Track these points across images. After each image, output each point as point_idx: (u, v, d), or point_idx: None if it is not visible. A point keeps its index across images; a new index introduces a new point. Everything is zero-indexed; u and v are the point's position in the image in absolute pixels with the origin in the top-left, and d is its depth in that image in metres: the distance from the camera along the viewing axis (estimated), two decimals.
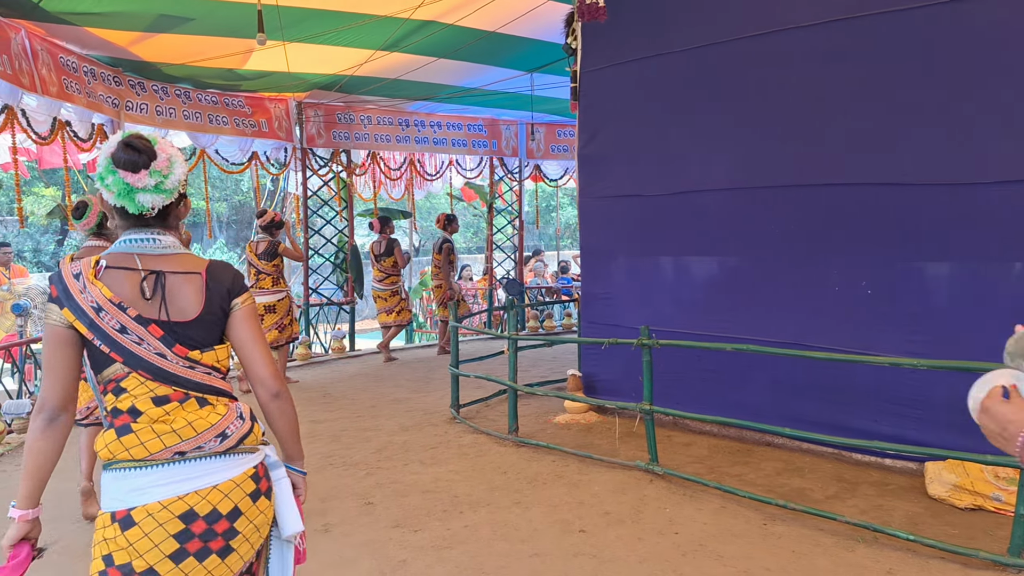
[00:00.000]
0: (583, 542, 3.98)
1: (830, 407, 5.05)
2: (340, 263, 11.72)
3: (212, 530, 1.89)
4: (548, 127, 12.63)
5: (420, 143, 11.66)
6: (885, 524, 3.94)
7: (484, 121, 12.19)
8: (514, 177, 12.99)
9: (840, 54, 4.99)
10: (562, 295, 13.88)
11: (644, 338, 5.00)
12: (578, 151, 6.73)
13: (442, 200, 20.65)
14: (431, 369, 9.27)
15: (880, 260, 4.88)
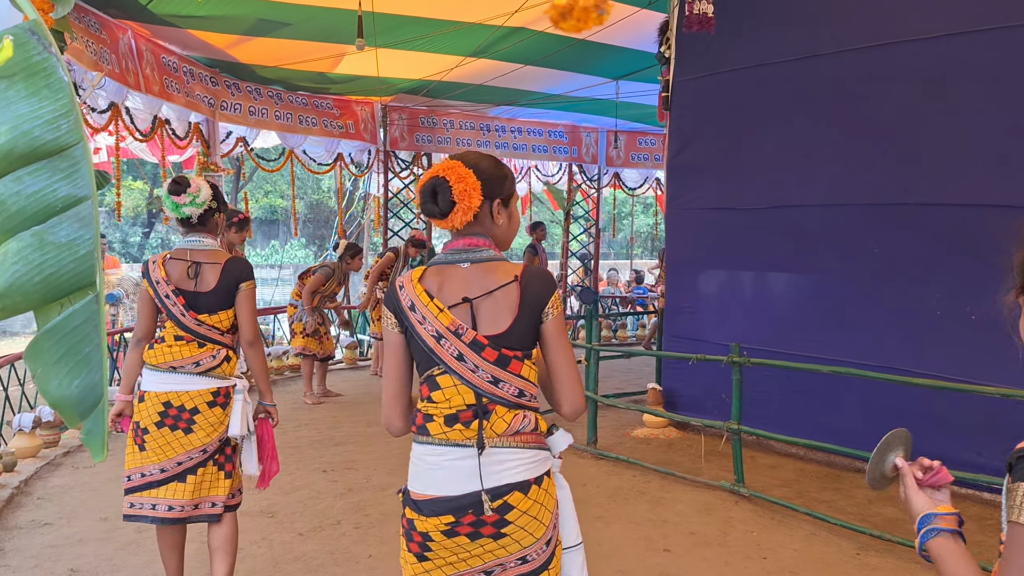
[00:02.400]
0: (669, 562, 3.90)
1: (928, 435, 4.77)
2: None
3: (180, 416, 3.04)
4: (629, 135, 12.54)
5: (500, 148, 11.71)
6: (989, 562, 3.74)
7: (565, 128, 12.17)
8: (592, 184, 12.93)
9: (952, 69, 4.79)
10: (636, 305, 13.73)
11: (735, 355, 4.88)
12: (667, 161, 6.64)
13: None
14: None
15: (988, 285, 4.65)
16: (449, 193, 1.79)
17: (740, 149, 6.03)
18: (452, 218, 1.82)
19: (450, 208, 1.80)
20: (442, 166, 1.84)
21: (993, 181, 4.63)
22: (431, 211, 1.83)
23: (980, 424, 4.63)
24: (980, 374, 4.50)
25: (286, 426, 6.63)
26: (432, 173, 1.85)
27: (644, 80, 8.92)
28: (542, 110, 11.33)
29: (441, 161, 1.87)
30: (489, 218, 1.88)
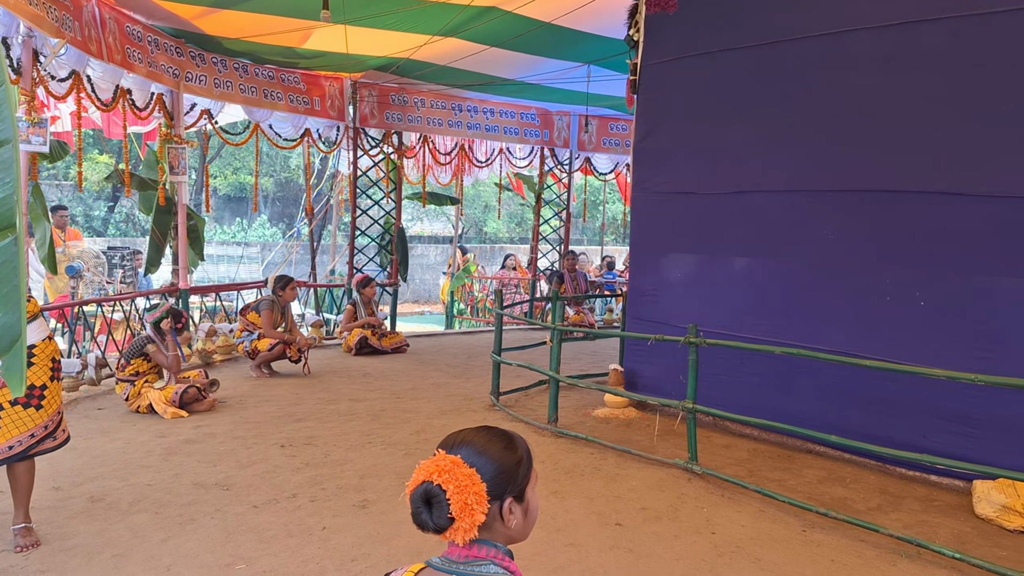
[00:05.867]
0: (619, 536, 3.97)
1: (877, 418, 4.95)
2: (386, 244, 11.81)
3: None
4: (601, 120, 12.56)
5: (472, 129, 11.68)
6: (930, 540, 3.86)
7: (537, 111, 12.16)
8: (564, 168, 12.94)
9: (911, 59, 4.87)
10: (604, 290, 13.81)
11: (692, 336, 4.95)
12: (634, 145, 6.68)
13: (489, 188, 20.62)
14: (471, 356, 9.30)
15: (936, 272, 4.77)
16: (446, 507, 1.49)
17: (705, 134, 6.08)
18: (451, 535, 1.52)
19: (448, 524, 1.50)
20: (437, 466, 1.52)
21: (944, 170, 4.73)
22: (423, 524, 1.53)
23: (926, 406, 4.75)
24: (927, 358, 4.61)
25: (247, 402, 6.61)
26: (425, 475, 1.53)
27: (613, 67, 8.93)
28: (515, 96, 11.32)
29: (435, 458, 1.55)
30: (499, 521, 1.55)
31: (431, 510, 1.51)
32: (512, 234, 28.86)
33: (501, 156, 12.27)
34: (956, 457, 4.31)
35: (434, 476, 1.50)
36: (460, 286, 14.38)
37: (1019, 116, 4.42)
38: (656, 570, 3.60)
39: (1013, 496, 4.20)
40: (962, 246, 4.67)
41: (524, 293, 14.22)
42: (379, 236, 11.98)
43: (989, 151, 4.55)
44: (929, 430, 4.72)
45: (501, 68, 9.76)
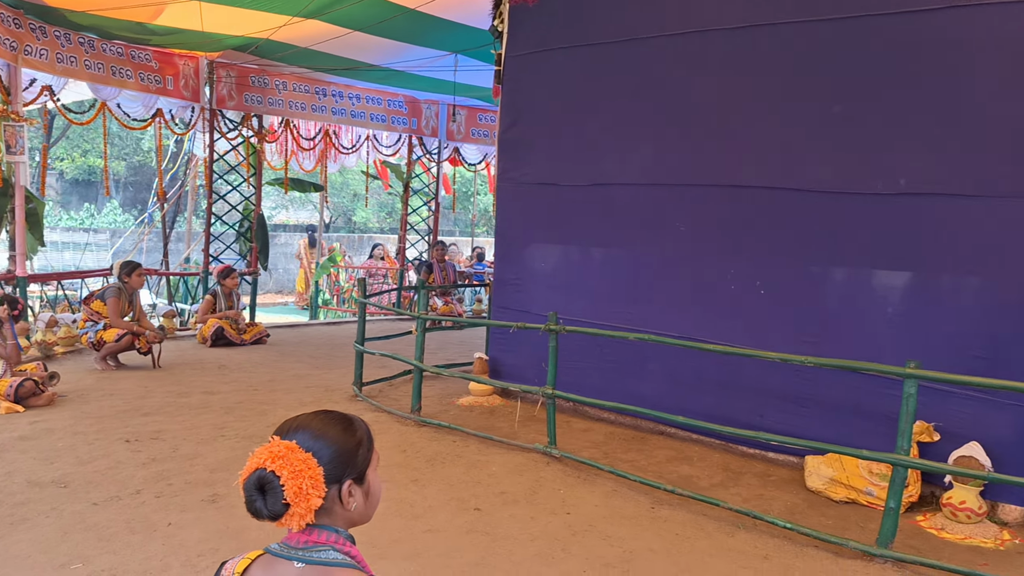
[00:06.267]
0: (477, 520, 4.01)
1: (721, 400, 5.23)
2: (244, 232, 11.40)
3: None
4: (470, 110, 12.60)
5: (337, 114, 11.44)
6: (765, 512, 4.12)
7: (405, 99, 12.06)
8: (432, 158, 12.91)
9: (757, 61, 5.15)
10: (474, 280, 13.89)
11: (552, 324, 5.06)
12: (499, 135, 6.74)
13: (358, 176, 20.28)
14: (335, 347, 9.13)
15: (773, 262, 5.09)
16: (280, 493, 1.45)
17: (566, 127, 6.21)
18: (287, 522, 1.48)
19: (283, 510, 1.46)
20: (271, 452, 1.47)
21: (783, 166, 5.03)
22: (257, 512, 1.48)
23: (764, 388, 5.06)
24: (765, 342, 4.91)
25: (90, 396, 6.23)
26: (258, 462, 1.47)
27: (481, 58, 8.97)
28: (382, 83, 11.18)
29: (270, 444, 1.49)
30: (339, 505, 1.54)
31: (265, 497, 1.46)
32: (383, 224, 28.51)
33: (368, 143, 12.09)
34: (790, 434, 4.61)
35: (267, 462, 1.46)
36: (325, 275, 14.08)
37: (846, 117, 4.77)
38: (511, 551, 3.67)
39: (839, 469, 4.54)
40: (795, 237, 5.00)
41: (392, 283, 14.09)
42: (238, 223, 11.55)
43: (818, 149, 4.88)
44: (767, 410, 5.04)
45: (367, 53, 9.61)
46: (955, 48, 4.36)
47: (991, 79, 4.26)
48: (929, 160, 4.47)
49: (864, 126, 4.69)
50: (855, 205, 4.75)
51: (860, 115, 4.71)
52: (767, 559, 3.68)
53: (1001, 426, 4.21)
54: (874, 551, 3.68)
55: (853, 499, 4.45)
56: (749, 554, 3.73)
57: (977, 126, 4.30)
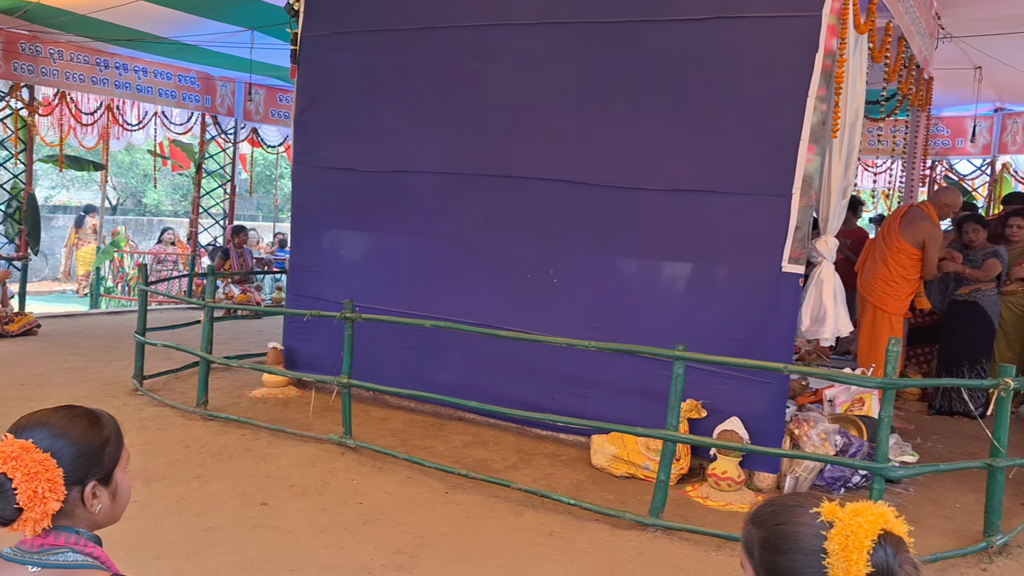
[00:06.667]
0: (263, 515, 3.89)
1: (515, 385, 5.39)
2: (13, 213, 10.30)
3: None
4: (269, 90, 12.09)
5: (121, 88, 10.57)
6: (552, 491, 4.31)
7: (198, 75, 11.37)
8: (228, 138, 12.28)
9: (550, 57, 5.33)
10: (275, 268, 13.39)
11: (347, 312, 4.99)
12: (294, 117, 6.54)
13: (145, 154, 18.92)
14: (116, 338, 8.47)
15: (565, 252, 5.31)
16: (12, 497, 1.33)
17: (363, 111, 6.13)
18: (20, 527, 1.37)
19: (15, 515, 1.35)
20: (2, 453, 1.36)
21: (574, 160, 5.26)
22: None
23: (555, 372, 5.27)
24: (558, 328, 5.12)
25: None
26: None
27: (280, 36, 8.63)
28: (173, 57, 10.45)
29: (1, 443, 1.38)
30: (81, 507, 1.42)
31: None
32: (177, 207, 26.79)
33: (156, 120, 11.28)
34: (579, 416, 4.86)
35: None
36: (108, 260, 13.03)
37: (627, 116, 5.06)
38: (298, 543, 3.59)
39: (622, 447, 4.83)
40: (585, 228, 5.24)
41: (184, 269, 13.27)
42: (5, 203, 10.41)
43: (604, 145, 5.15)
44: (557, 393, 5.25)
45: (155, 25, 8.94)
46: (720, 56, 4.75)
47: (750, 86, 4.67)
48: (699, 159, 4.84)
49: (643, 125, 5.00)
50: (636, 199, 5.05)
51: (639, 114, 5.01)
52: (551, 535, 3.85)
53: (757, 402, 4.65)
54: (647, 521, 3.96)
55: (633, 474, 4.75)
56: (536, 531, 3.88)
57: (736, 129, 4.71)
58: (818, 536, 1.29)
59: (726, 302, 4.79)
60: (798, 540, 1.32)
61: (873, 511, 1.28)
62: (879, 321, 6.06)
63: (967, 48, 7.37)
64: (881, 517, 1.27)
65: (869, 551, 1.24)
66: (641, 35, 5.01)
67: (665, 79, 4.95)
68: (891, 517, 1.28)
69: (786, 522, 1.35)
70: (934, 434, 5.99)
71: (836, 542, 1.26)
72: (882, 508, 1.29)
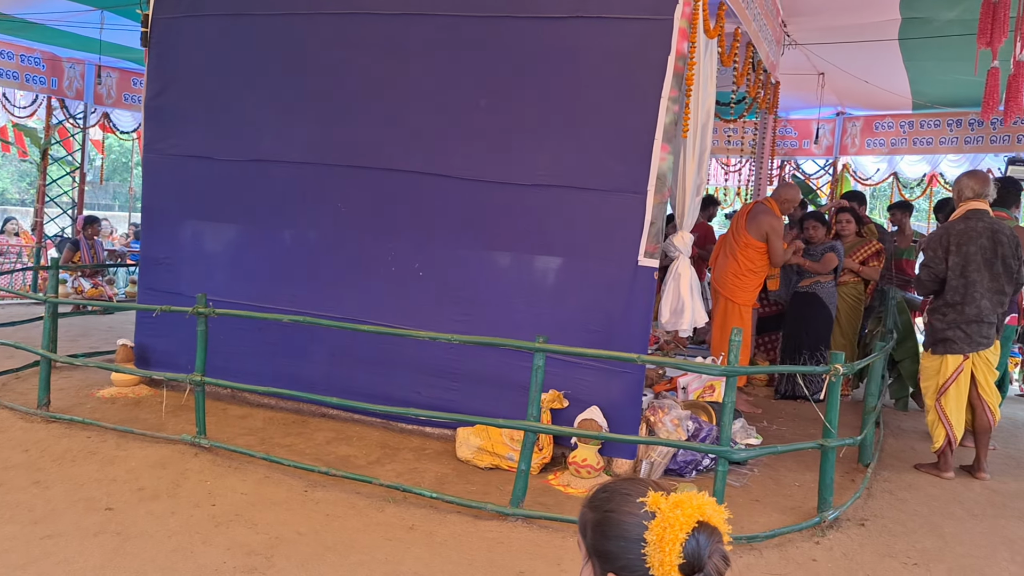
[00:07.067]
0: (108, 520, 3.70)
1: (380, 379, 5.35)
2: None
3: None
4: (122, 73, 11.46)
5: None
6: (415, 485, 4.30)
7: (43, 55, 10.62)
8: (77, 123, 11.53)
9: (413, 48, 5.30)
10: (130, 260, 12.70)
11: (200, 306, 4.81)
12: (145, 102, 6.21)
13: None
14: None
15: (430, 245, 5.30)
16: None
17: (222, 98, 5.90)
18: None
19: None
20: None
21: (438, 153, 5.26)
22: None
23: (420, 365, 5.26)
24: (423, 321, 5.12)
25: None
26: None
27: (132, 17, 8.18)
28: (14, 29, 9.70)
29: None
30: None
31: None
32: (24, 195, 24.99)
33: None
34: (446, 409, 4.86)
35: None
36: None
37: (492, 110, 5.10)
38: (144, 549, 3.44)
39: (486, 439, 4.88)
40: (450, 222, 5.25)
41: (29, 262, 12.38)
42: None
43: (468, 139, 5.17)
44: (423, 386, 5.25)
45: None
46: (579, 55, 4.86)
47: (608, 86, 4.81)
48: (560, 155, 4.94)
49: (506, 120, 5.06)
50: (501, 193, 5.10)
51: (502, 110, 5.07)
52: (412, 529, 3.85)
53: (616, 391, 4.81)
54: (508, 511, 4.03)
55: (497, 465, 4.81)
56: (396, 526, 3.87)
57: (594, 127, 4.84)
58: (640, 525, 1.36)
59: (587, 295, 4.92)
60: (622, 527, 1.39)
61: (692, 503, 1.36)
62: (730, 312, 6.40)
63: (811, 55, 7.87)
64: (699, 509, 1.35)
65: (683, 542, 1.32)
66: (503, 31, 5.06)
67: (527, 75, 5.02)
68: (710, 509, 1.36)
69: (615, 509, 1.42)
70: (779, 417, 6.38)
71: (655, 532, 1.34)
72: (702, 500, 1.37)
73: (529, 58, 5.00)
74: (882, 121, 10.66)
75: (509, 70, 5.05)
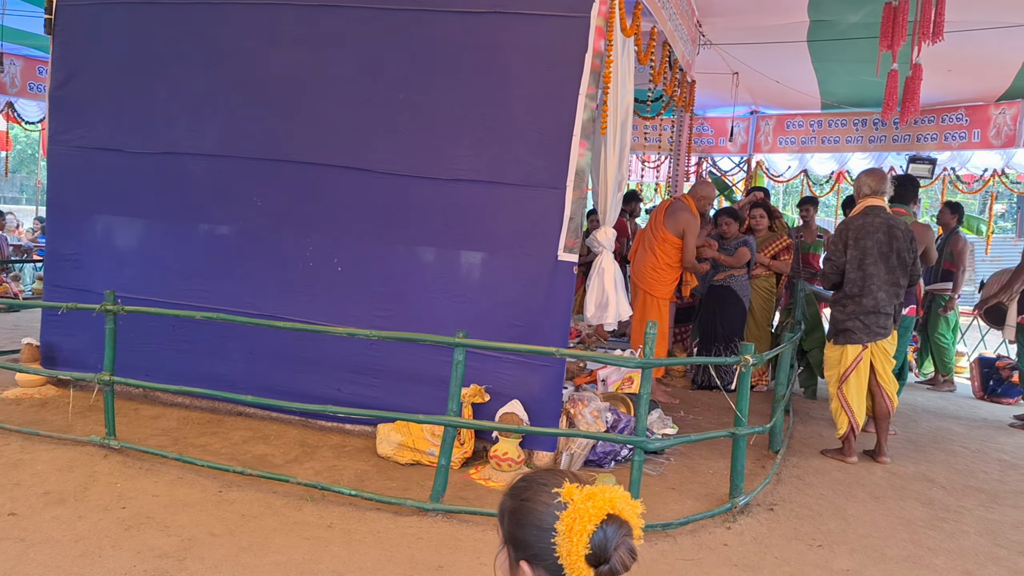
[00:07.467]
0: (11, 526, 3.56)
1: (299, 377, 5.27)
2: None
3: None
4: (27, 60, 10.94)
5: None
6: (335, 483, 4.27)
7: None
8: None
9: (331, 40, 5.23)
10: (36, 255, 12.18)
11: (108, 303, 4.65)
12: (50, 92, 5.97)
13: None
14: None
15: (349, 239, 5.25)
16: None
17: (131, 88, 5.70)
18: None
19: None
20: None
21: (357, 147, 5.21)
22: None
23: (340, 362, 5.22)
24: (343, 317, 5.07)
25: None
26: None
27: (36, 3, 7.83)
28: None
29: None
30: None
31: None
32: None
33: None
34: (366, 406, 4.83)
35: None
36: None
37: (411, 104, 5.08)
38: (50, 555, 3.32)
39: (407, 434, 4.87)
40: (369, 216, 5.21)
41: None
42: None
43: (388, 133, 5.14)
44: (343, 383, 5.20)
45: None
46: (499, 50, 4.88)
47: (528, 82, 4.85)
48: (481, 150, 4.95)
49: (427, 114, 5.04)
50: (422, 188, 5.08)
51: (423, 104, 5.05)
52: (331, 527, 3.82)
53: (536, 385, 4.86)
54: (428, 506, 4.03)
55: (418, 460, 4.80)
56: (314, 525, 3.83)
57: (514, 122, 4.88)
58: (552, 515, 1.39)
59: (508, 289, 4.95)
60: (535, 516, 1.42)
61: (605, 496, 1.39)
62: (649, 305, 6.55)
63: (725, 55, 8.09)
64: (610, 502, 1.39)
65: (590, 533, 1.36)
66: (423, 24, 5.04)
67: (448, 70, 5.01)
68: (621, 503, 1.40)
69: (530, 498, 1.45)
70: (695, 407, 6.56)
71: (565, 523, 1.37)
72: (615, 493, 1.40)
73: (450, 52, 4.99)
74: (793, 120, 11.03)
75: (429, 64, 5.04)
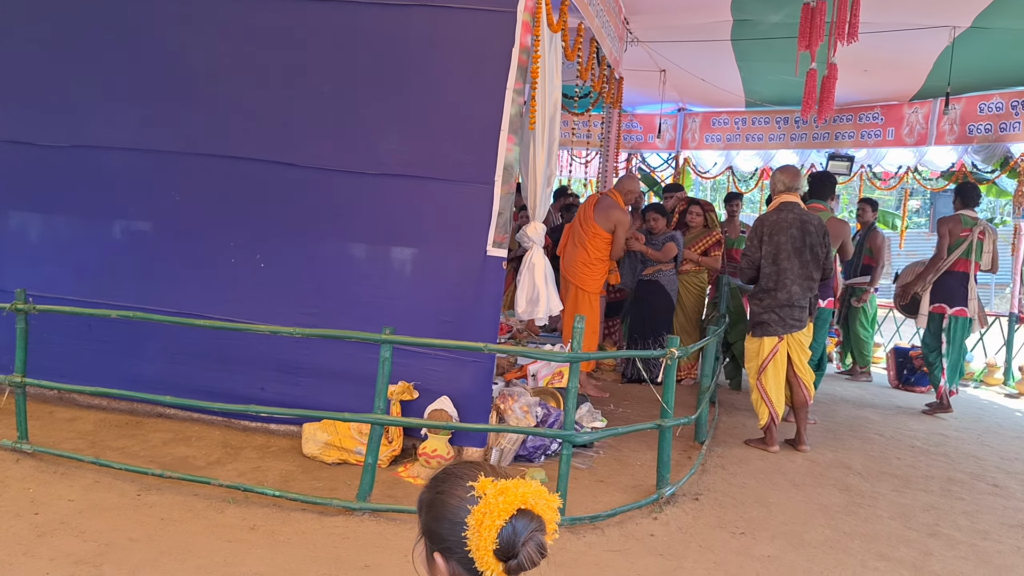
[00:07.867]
0: None
1: (222, 376, 5.14)
2: None
3: None
4: None
5: None
6: (259, 484, 4.18)
7: None
8: None
9: (254, 32, 5.12)
10: None
11: (19, 302, 4.46)
12: None
13: None
14: None
15: (273, 236, 5.15)
16: None
17: (40, 78, 5.48)
18: None
19: None
20: None
21: (278, 140, 5.11)
22: None
23: (265, 361, 5.11)
24: (268, 315, 4.96)
25: None
26: None
27: None
28: None
29: None
30: None
31: None
32: None
33: None
34: (292, 405, 4.74)
35: None
36: None
37: (336, 99, 5.01)
38: None
39: (334, 433, 4.80)
40: (294, 212, 5.11)
41: None
42: None
43: (313, 127, 5.06)
44: (267, 382, 5.09)
45: None
46: (426, 44, 4.85)
47: (455, 76, 4.83)
48: (408, 144, 4.91)
49: (353, 108, 4.98)
50: (348, 184, 5.01)
51: (349, 97, 4.98)
52: (254, 529, 3.74)
53: (465, 380, 4.84)
54: (354, 505, 3.98)
55: (345, 460, 4.73)
56: (237, 527, 3.75)
57: (442, 116, 4.85)
58: (465, 509, 1.39)
59: (438, 285, 4.92)
60: (449, 509, 1.42)
61: (517, 491, 1.39)
62: (580, 299, 6.60)
63: (652, 52, 8.21)
64: (522, 497, 1.38)
65: (499, 528, 1.35)
66: (349, 16, 4.96)
67: (375, 63, 4.95)
68: (534, 497, 1.39)
69: (446, 491, 1.45)
70: (625, 400, 6.65)
71: (475, 517, 1.37)
72: (528, 488, 1.40)
73: (376, 45, 4.94)
74: (719, 118, 11.27)
75: (356, 57, 4.97)
